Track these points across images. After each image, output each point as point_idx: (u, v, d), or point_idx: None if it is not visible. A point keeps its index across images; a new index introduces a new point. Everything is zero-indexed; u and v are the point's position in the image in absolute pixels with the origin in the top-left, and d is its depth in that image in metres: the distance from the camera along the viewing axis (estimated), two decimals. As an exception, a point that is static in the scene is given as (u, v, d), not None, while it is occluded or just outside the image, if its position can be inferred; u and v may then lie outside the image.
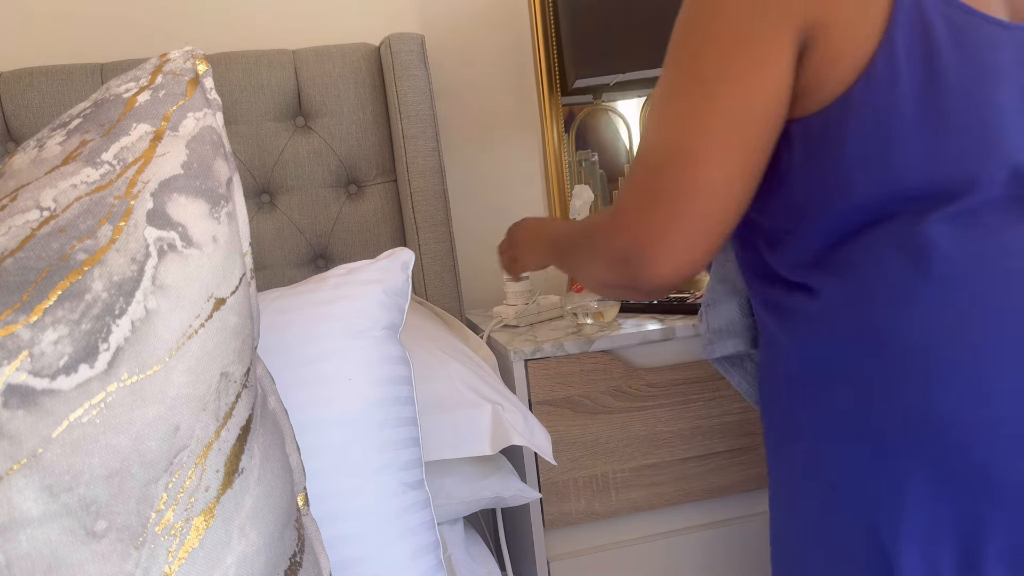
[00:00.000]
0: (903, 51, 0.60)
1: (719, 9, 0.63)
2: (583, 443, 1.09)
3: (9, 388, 0.40)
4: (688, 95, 0.64)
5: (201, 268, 0.48)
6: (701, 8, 0.65)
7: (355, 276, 0.80)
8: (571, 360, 1.08)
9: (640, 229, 0.65)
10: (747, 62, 0.62)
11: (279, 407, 0.62)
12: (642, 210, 0.65)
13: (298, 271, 1.35)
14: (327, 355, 0.74)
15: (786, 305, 0.71)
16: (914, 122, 0.61)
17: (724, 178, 0.62)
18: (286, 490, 0.54)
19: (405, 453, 0.76)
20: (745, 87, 0.62)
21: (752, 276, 0.77)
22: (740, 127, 0.62)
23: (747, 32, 0.62)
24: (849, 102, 0.62)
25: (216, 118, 0.56)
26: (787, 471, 0.72)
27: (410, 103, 1.29)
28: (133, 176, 0.49)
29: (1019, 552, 0.57)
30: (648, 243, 0.65)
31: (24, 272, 0.43)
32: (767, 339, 0.76)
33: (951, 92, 0.61)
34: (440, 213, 1.32)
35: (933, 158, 0.61)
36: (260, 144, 1.31)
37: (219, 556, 0.45)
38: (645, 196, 0.65)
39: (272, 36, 1.44)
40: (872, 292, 0.63)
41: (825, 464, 0.66)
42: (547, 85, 1.52)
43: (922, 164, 0.61)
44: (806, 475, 0.69)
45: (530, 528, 1.10)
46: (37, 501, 0.40)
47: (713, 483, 1.14)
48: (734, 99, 0.62)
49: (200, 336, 0.47)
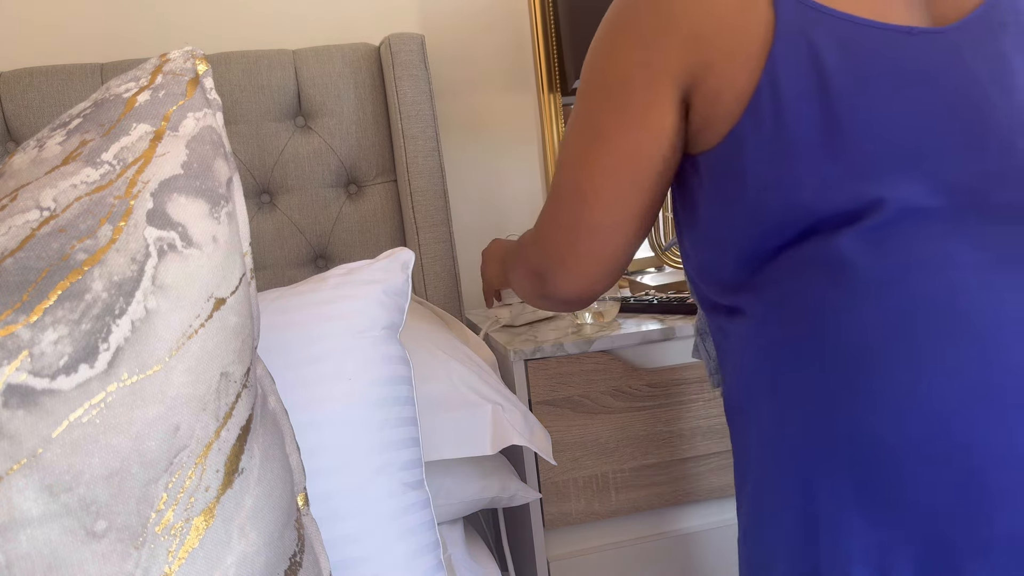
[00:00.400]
0: (787, 79, 0.60)
1: (610, 58, 0.68)
2: (583, 443, 1.09)
3: (9, 388, 0.40)
4: (584, 137, 0.69)
5: (201, 268, 0.48)
6: (597, 55, 0.69)
7: (355, 276, 0.80)
8: (571, 360, 1.08)
9: (547, 253, 0.74)
10: (633, 110, 0.66)
11: (279, 407, 0.62)
12: (549, 236, 0.73)
13: (298, 271, 1.35)
14: (327, 355, 0.74)
15: (727, 330, 0.72)
16: (810, 148, 0.60)
17: (612, 218, 0.69)
18: (286, 490, 0.54)
19: (405, 453, 0.76)
20: (632, 133, 0.66)
21: (702, 306, 0.78)
22: (627, 170, 0.67)
23: (632, 81, 0.66)
24: (739, 135, 0.63)
25: (216, 118, 0.56)
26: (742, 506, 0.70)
27: (410, 103, 1.29)
28: (133, 176, 0.49)
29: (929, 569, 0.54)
30: (552, 267, 0.74)
31: (24, 272, 0.43)
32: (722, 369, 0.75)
33: (848, 113, 0.60)
34: (440, 213, 1.32)
35: (833, 181, 0.60)
36: (260, 144, 1.30)
37: (219, 556, 0.45)
38: (551, 224, 0.73)
39: (272, 36, 1.44)
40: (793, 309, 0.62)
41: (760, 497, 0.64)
42: (547, 85, 1.52)
43: (821, 188, 0.61)
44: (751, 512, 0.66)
45: (530, 528, 1.10)
46: (37, 501, 0.40)
47: (713, 483, 1.14)
48: (621, 146, 0.67)
49: (200, 336, 0.47)
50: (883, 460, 0.55)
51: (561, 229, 0.72)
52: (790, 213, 0.63)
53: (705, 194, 0.68)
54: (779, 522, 0.61)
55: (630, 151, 0.67)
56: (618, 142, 0.67)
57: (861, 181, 0.60)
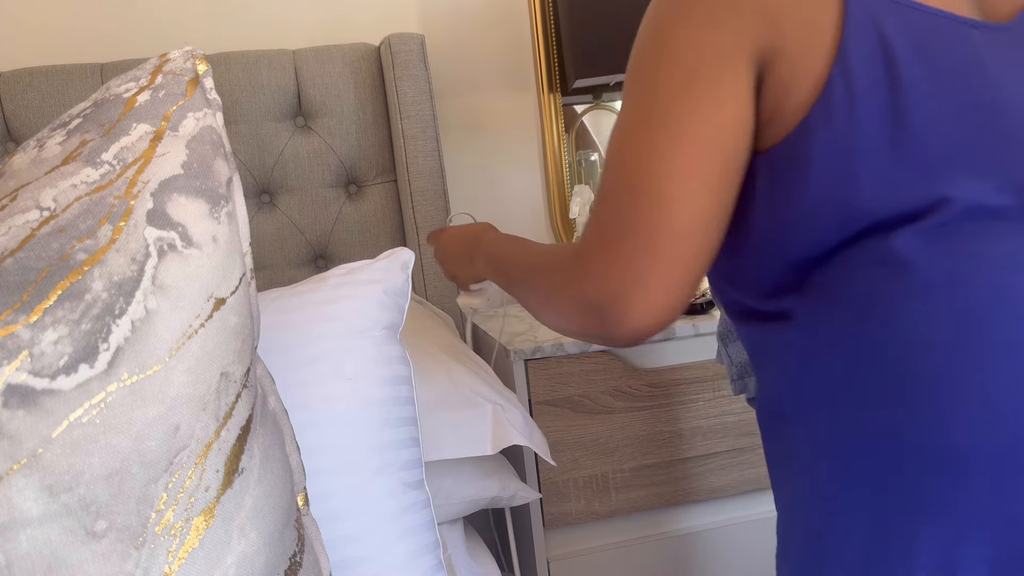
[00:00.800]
0: (859, 69, 0.57)
1: (671, 42, 0.61)
2: (583, 443, 1.09)
3: (9, 388, 0.40)
4: (648, 131, 0.60)
5: (201, 268, 0.48)
6: (657, 38, 0.62)
7: (355, 276, 0.80)
8: (571, 360, 1.08)
9: (612, 276, 0.60)
10: (704, 96, 0.59)
11: (279, 407, 0.62)
12: (613, 255, 0.60)
13: (298, 271, 1.35)
14: (327, 355, 0.74)
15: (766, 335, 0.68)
16: (878, 143, 0.58)
17: (695, 217, 0.59)
18: (286, 490, 0.54)
19: (405, 453, 0.76)
20: (706, 122, 0.59)
21: (729, 313, 0.74)
22: (705, 163, 0.59)
23: (701, 64, 0.59)
24: (808, 129, 0.59)
25: (216, 118, 0.56)
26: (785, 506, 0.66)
27: (410, 103, 1.29)
28: (133, 176, 0.49)
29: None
30: (623, 292, 0.59)
31: (24, 272, 0.43)
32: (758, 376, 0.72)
33: (917, 106, 0.57)
34: (440, 213, 1.32)
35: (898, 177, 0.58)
36: (260, 144, 1.30)
37: (219, 556, 0.45)
38: (615, 239, 0.60)
39: (272, 36, 1.44)
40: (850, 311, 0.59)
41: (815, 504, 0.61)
42: (547, 85, 1.52)
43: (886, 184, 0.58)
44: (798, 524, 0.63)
45: (530, 528, 1.10)
46: (37, 501, 0.40)
47: (713, 483, 1.14)
48: (696, 135, 0.59)
49: (200, 336, 0.47)
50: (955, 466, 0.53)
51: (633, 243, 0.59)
52: (852, 211, 0.59)
53: (760, 196, 0.63)
54: (843, 530, 0.58)
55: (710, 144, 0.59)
56: (696, 134, 0.59)
57: (926, 177, 0.58)
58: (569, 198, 1.55)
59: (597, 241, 0.61)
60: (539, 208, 1.58)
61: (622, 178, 0.61)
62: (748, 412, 1.14)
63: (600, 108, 1.56)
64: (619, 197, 0.61)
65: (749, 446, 1.14)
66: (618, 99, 1.56)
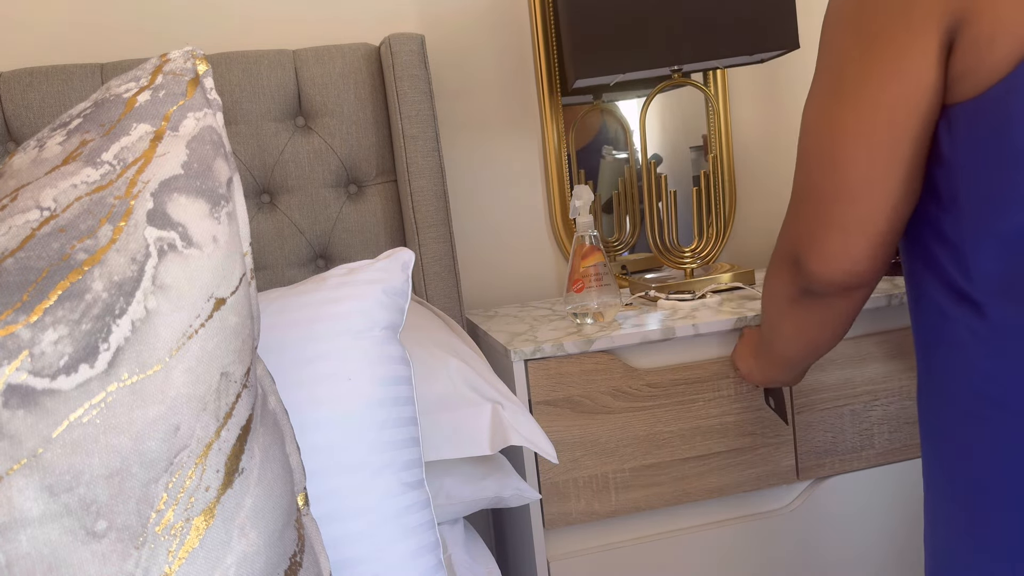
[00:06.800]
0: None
1: (861, 7, 0.62)
2: (583, 443, 1.09)
3: (9, 388, 0.40)
4: (831, 96, 0.64)
5: (201, 268, 0.48)
6: (844, 7, 0.64)
7: (355, 276, 0.80)
8: (571, 360, 1.08)
9: (797, 232, 0.68)
10: (889, 61, 0.61)
11: (279, 407, 0.62)
12: (797, 213, 0.68)
13: (298, 271, 1.35)
14: (327, 355, 0.74)
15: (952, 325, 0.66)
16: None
17: (865, 178, 0.62)
18: (286, 490, 0.54)
19: (405, 453, 0.76)
20: (887, 87, 0.61)
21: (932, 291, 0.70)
22: (883, 126, 0.61)
23: (890, 29, 0.61)
24: (1014, 83, 0.57)
25: (216, 118, 0.56)
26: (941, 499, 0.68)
27: (410, 103, 1.29)
28: (133, 176, 0.49)
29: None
30: (804, 246, 0.67)
31: (24, 272, 0.43)
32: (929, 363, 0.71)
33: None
34: (440, 213, 1.32)
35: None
36: (260, 144, 1.31)
37: (219, 556, 0.45)
38: (798, 199, 0.68)
39: (272, 36, 1.44)
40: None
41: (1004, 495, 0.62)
42: (547, 85, 1.52)
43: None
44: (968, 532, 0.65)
45: (530, 528, 1.10)
46: (37, 501, 0.40)
47: (713, 483, 1.14)
48: (875, 100, 0.61)
49: (200, 336, 0.47)
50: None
51: (808, 202, 0.66)
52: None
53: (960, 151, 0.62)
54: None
55: (883, 105, 0.61)
56: (868, 96, 0.62)
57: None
58: (569, 198, 1.55)
59: (792, 202, 0.70)
60: (539, 208, 1.58)
61: (806, 140, 0.67)
62: (748, 412, 1.14)
63: (600, 108, 1.56)
64: (801, 161, 0.67)
65: (749, 446, 1.14)
66: (619, 99, 1.56)
